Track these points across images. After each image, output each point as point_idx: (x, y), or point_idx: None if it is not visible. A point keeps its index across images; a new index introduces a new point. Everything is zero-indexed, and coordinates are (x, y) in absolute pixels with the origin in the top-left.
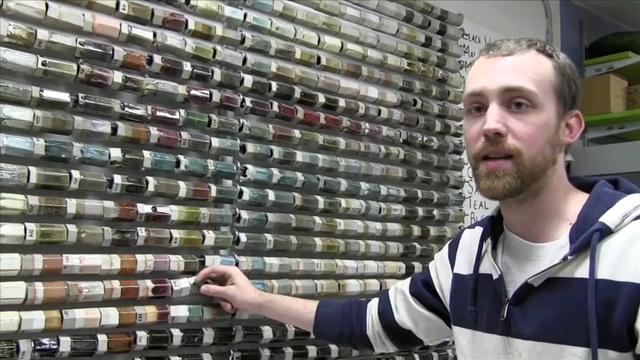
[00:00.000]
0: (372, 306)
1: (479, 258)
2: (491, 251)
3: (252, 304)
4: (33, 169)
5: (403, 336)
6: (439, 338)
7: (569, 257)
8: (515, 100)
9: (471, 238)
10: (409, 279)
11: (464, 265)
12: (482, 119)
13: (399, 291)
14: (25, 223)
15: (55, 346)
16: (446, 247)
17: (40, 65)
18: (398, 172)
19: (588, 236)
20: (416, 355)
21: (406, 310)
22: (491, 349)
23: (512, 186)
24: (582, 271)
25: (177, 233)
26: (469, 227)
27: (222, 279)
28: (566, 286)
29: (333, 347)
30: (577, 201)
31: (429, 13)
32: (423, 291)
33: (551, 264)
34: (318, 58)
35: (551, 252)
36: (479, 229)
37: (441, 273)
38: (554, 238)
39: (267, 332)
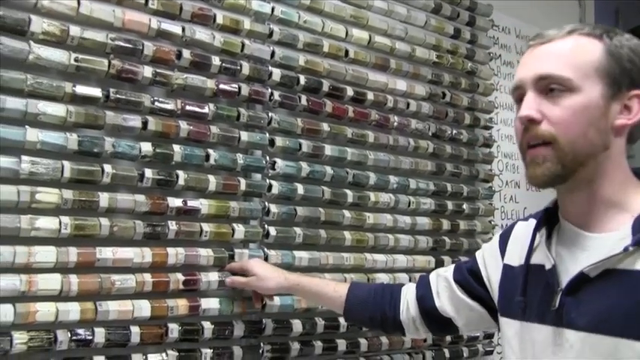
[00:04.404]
0: (409, 291)
1: (531, 249)
2: (545, 241)
3: (278, 290)
4: (67, 164)
5: (441, 323)
6: (477, 329)
7: (631, 248)
8: (549, 86)
9: (523, 230)
10: (452, 266)
11: (515, 257)
12: None
13: (442, 277)
14: (60, 217)
15: (90, 337)
16: (496, 238)
17: (72, 61)
18: (427, 166)
19: None
20: (446, 350)
21: (449, 298)
22: (541, 340)
23: (552, 172)
24: None
25: (207, 227)
26: (522, 220)
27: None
28: (626, 278)
29: (363, 341)
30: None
31: (458, 5)
32: (469, 280)
33: (611, 254)
34: (346, 51)
35: (610, 243)
36: (532, 222)
37: (490, 263)
38: (613, 229)
39: (297, 325)
